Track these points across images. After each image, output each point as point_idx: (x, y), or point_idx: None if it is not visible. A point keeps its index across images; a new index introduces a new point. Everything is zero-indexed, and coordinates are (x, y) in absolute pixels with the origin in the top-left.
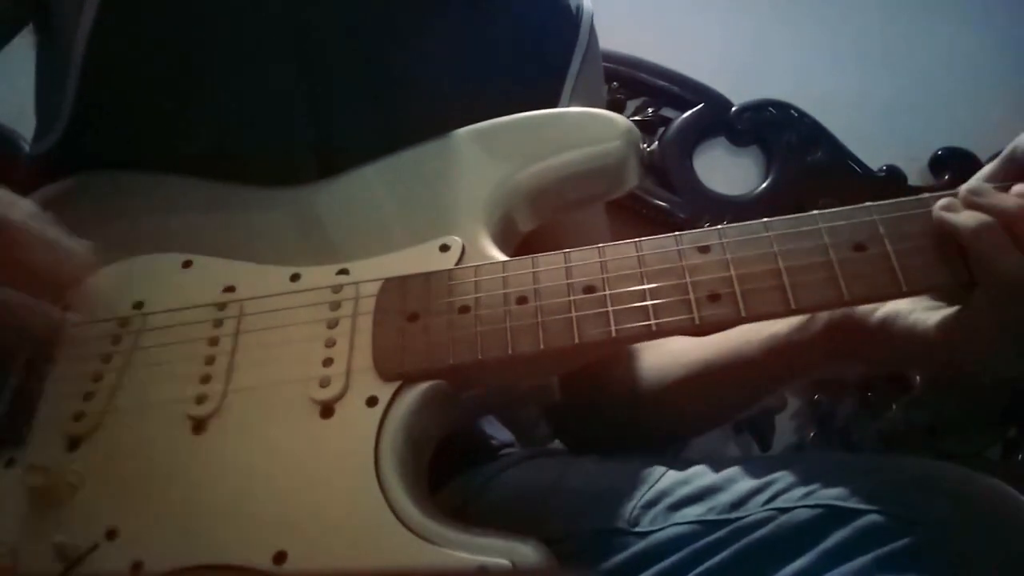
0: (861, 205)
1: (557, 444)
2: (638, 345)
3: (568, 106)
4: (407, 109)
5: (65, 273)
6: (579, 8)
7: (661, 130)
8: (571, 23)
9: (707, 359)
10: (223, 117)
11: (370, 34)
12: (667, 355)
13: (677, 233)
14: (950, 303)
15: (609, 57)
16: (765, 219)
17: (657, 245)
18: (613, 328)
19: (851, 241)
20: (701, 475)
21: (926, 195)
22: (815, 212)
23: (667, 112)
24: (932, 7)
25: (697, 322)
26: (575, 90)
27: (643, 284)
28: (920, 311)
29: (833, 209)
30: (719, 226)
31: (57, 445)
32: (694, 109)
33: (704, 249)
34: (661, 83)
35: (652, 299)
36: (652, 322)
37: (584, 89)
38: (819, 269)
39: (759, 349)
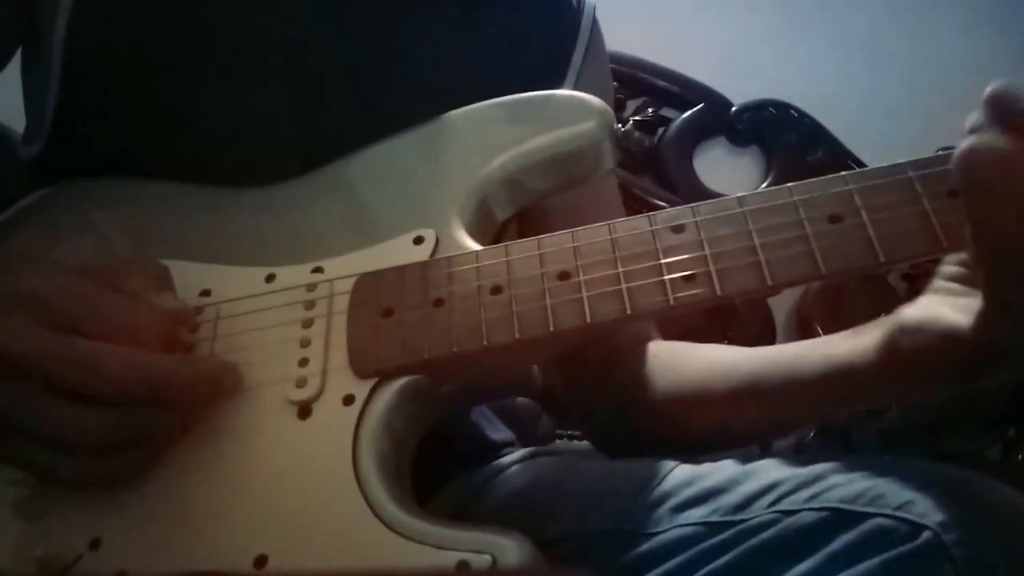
0: (836, 175)
1: (558, 443)
2: (671, 350)
3: None
4: (401, 110)
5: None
6: (580, 1)
7: (661, 130)
8: (572, 16)
9: (755, 372)
10: (205, 120)
11: (361, 34)
12: (708, 364)
13: (651, 213)
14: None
15: (609, 57)
16: (739, 194)
17: (630, 227)
18: (588, 314)
19: (826, 213)
20: (705, 476)
21: (901, 162)
22: (789, 184)
23: (667, 112)
24: (933, 8)
25: (672, 303)
26: (578, 84)
27: (617, 268)
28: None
29: (807, 180)
30: (693, 204)
31: None
32: (694, 109)
33: (678, 229)
34: (661, 83)
35: (626, 283)
36: (627, 306)
37: (588, 82)
38: (795, 243)
39: (815, 368)
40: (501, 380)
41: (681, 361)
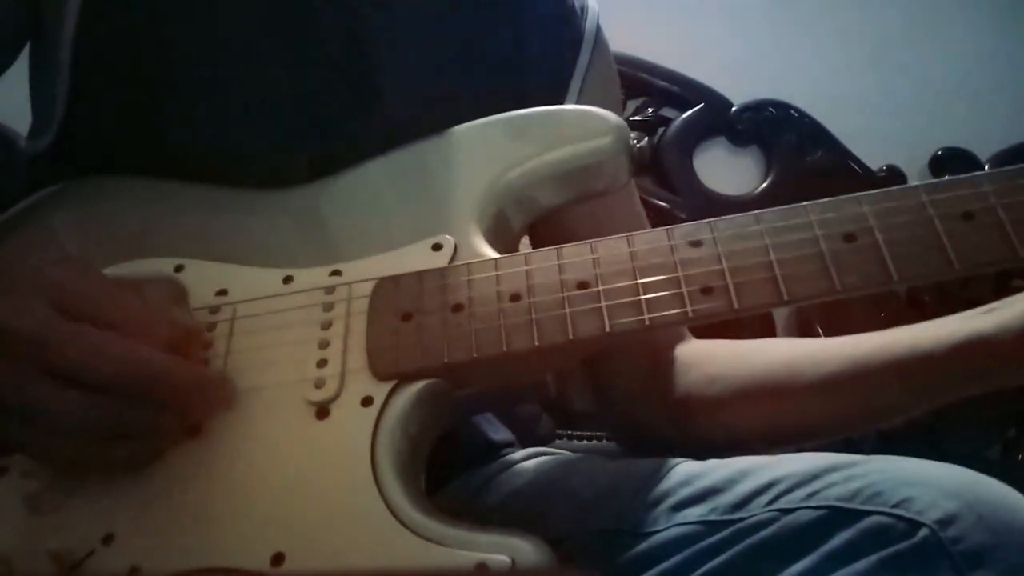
0: (850, 196)
1: (558, 443)
2: (731, 347)
3: (576, 104)
4: (403, 116)
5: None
6: (584, 8)
7: (661, 130)
8: (576, 23)
9: (860, 357)
10: (213, 121)
11: (369, 38)
12: (787, 354)
13: (669, 227)
14: None
15: None
16: (756, 212)
17: (649, 240)
18: (607, 323)
19: (841, 232)
20: (703, 476)
21: (915, 184)
22: (805, 203)
23: (667, 112)
24: (934, 7)
25: (690, 315)
26: (583, 90)
27: (636, 279)
28: None
29: (823, 200)
30: (710, 219)
31: None
32: (694, 109)
33: (696, 243)
34: (661, 83)
35: (645, 293)
36: (646, 316)
37: (593, 88)
38: (810, 260)
39: (944, 343)
40: (516, 386)
41: (749, 355)
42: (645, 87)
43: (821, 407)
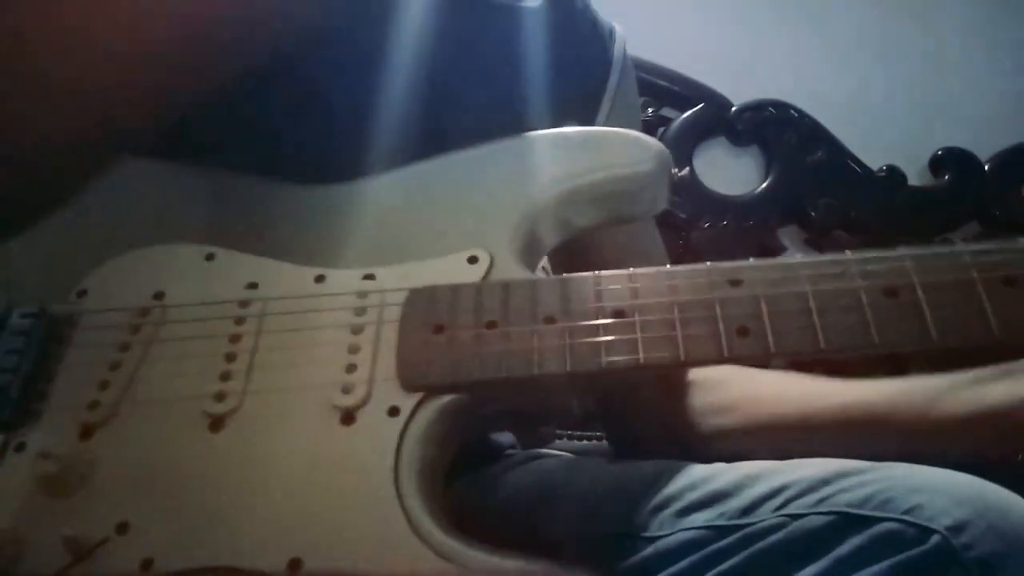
0: (895, 251)
1: (558, 443)
2: (739, 378)
3: (605, 124)
4: (446, 123)
5: None
6: (612, 32)
7: (661, 130)
8: (606, 46)
9: (872, 410)
10: (260, 112)
11: (414, 46)
12: (799, 392)
13: (709, 264)
14: None
15: None
16: (799, 257)
17: (689, 274)
18: (641, 355)
19: (883, 285)
20: (710, 480)
21: (959, 245)
22: (848, 253)
23: (667, 112)
24: (931, 8)
25: (726, 354)
26: (612, 111)
27: (673, 312)
28: None
29: (866, 254)
30: (752, 260)
31: (70, 433)
32: (694, 109)
33: (736, 283)
34: (661, 83)
35: (682, 328)
36: (680, 351)
37: (621, 108)
38: (850, 311)
39: (960, 417)
40: (543, 408)
41: (761, 390)
42: (645, 87)
43: (833, 452)
